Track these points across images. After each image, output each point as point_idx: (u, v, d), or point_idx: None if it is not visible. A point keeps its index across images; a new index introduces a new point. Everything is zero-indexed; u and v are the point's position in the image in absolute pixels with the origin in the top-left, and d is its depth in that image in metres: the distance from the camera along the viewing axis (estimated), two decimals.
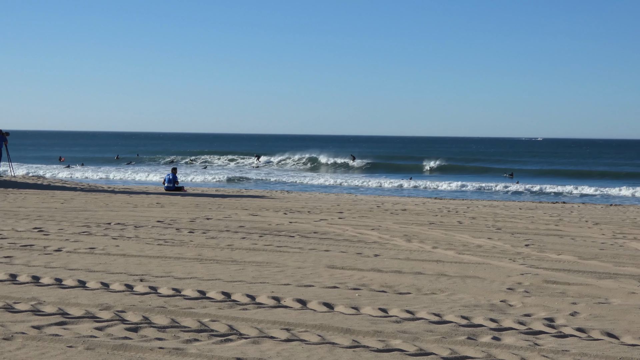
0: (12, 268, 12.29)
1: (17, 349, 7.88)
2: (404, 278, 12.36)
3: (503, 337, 8.78)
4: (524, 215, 24.42)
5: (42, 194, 28.20)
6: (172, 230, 17.76)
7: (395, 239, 17.31)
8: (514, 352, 8.17)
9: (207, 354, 7.82)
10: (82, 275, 11.87)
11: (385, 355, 7.97)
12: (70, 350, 7.85)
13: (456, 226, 20.42)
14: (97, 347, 7.99)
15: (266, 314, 9.61)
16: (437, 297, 10.95)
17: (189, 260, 13.51)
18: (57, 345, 8.04)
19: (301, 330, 8.84)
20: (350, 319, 9.47)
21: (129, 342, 8.18)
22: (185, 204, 25.93)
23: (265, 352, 7.95)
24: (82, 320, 9.10)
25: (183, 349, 8.00)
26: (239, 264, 13.32)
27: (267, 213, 22.94)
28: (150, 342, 8.20)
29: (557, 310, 10.20)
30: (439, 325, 9.28)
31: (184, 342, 8.23)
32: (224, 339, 8.43)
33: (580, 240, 17.87)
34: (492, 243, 16.93)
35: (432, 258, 14.55)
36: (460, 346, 8.35)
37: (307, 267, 13.18)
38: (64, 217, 20.01)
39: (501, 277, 12.63)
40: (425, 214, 23.97)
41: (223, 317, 9.39)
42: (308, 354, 7.95)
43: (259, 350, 8.04)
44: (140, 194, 31.15)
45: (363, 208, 26.06)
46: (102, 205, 24.43)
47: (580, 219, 23.70)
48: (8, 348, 7.90)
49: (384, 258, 14.40)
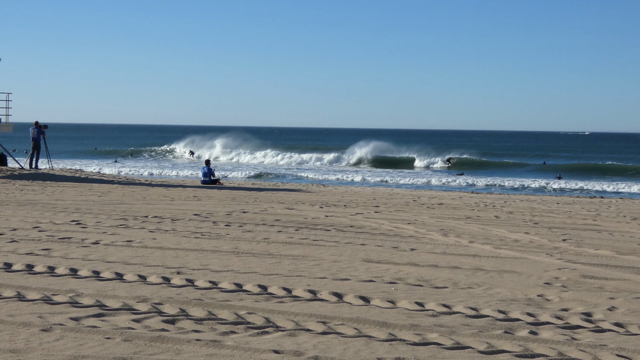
0: (50, 260, 12.42)
1: (56, 340, 7.97)
2: (440, 272, 12.34)
3: (540, 331, 8.75)
4: (561, 210, 24.25)
5: (79, 187, 28.43)
6: (209, 224, 17.85)
7: (431, 233, 17.28)
8: (551, 346, 8.13)
9: (244, 346, 7.86)
10: (120, 267, 11.97)
11: (422, 348, 7.97)
12: (108, 342, 7.92)
13: (493, 220, 20.33)
14: (134, 338, 8.06)
15: (302, 307, 9.63)
16: (473, 291, 10.93)
17: (225, 253, 13.58)
18: (95, 336, 8.11)
19: (337, 324, 8.85)
20: (387, 313, 9.48)
21: (166, 334, 8.24)
22: (222, 197, 26.03)
23: (302, 345, 7.98)
24: (119, 312, 9.18)
25: (220, 341, 8.04)
26: (275, 257, 13.37)
27: (303, 207, 22.98)
28: (187, 334, 8.26)
29: (595, 305, 10.14)
30: (475, 319, 9.26)
31: (220, 335, 8.28)
32: (261, 331, 8.47)
33: (618, 235, 17.73)
34: (529, 237, 16.84)
35: (469, 252, 14.51)
36: (497, 340, 8.33)
37: (343, 260, 13.20)
38: (102, 210, 20.17)
39: (538, 272, 12.57)
40: (462, 208, 23.88)
41: (259, 309, 9.42)
42: (344, 347, 7.97)
43: (295, 342, 8.07)
44: (177, 187, 31.31)
45: (399, 202, 26.02)
46: (139, 198, 24.59)
47: (619, 213, 23.50)
48: (47, 339, 7.99)
49: (420, 252, 14.38)
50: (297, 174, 53.32)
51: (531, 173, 56.78)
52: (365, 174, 52.89)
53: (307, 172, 55.80)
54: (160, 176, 47.77)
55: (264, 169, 57.05)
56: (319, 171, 56.90)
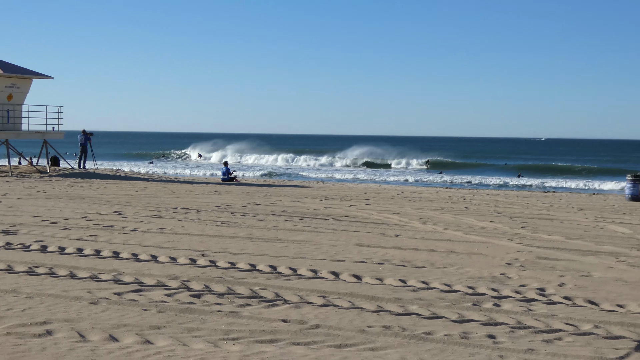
0: (96, 245, 12.48)
1: (102, 311, 8.03)
2: (420, 254, 12.39)
3: (502, 303, 8.81)
4: (520, 202, 24.29)
5: (120, 184, 28.47)
6: (228, 214, 17.89)
7: (412, 221, 17.32)
8: (511, 316, 8.19)
9: (257, 317, 7.91)
10: (154, 251, 12.02)
11: (404, 318, 8.02)
12: (145, 313, 7.98)
13: (463, 211, 20.37)
14: (167, 310, 8.12)
15: (306, 284, 9.69)
16: (447, 270, 10.98)
17: (241, 239, 13.63)
18: (134, 308, 8.18)
19: (334, 297, 8.91)
20: (375, 288, 9.53)
21: (193, 306, 8.30)
22: (238, 192, 26.07)
23: (305, 315, 8.04)
24: (154, 288, 9.24)
25: (237, 312, 8.10)
26: (282, 242, 13.41)
27: (305, 200, 23.01)
28: (210, 306, 8.31)
29: (548, 282, 10.20)
30: (449, 293, 9.32)
31: (238, 307, 8.33)
32: (271, 304, 8.52)
33: (567, 223, 17.78)
34: (493, 225, 16.89)
35: (444, 238, 14.56)
36: (466, 311, 8.38)
37: (339, 245, 13.25)
38: (139, 203, 20.21)
39: (501, 254, 12.63)
40: (438, 201, 23.92)
41: (270, 286, 9.48)
42: (340, 317, 8.02)
43: (300, 313, 8.13)
44: (202, 183, 31.35)
45: (386, 196, 26.06)
46: (170, 193, 24.63)
47: (568, 205, 23.55)
48: (94, 311, 8.05)
49: (403, 238, 14.43)
50: (300, 173, 53.21)
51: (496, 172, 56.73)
52: (358, 173, 52.86)
53: (309, 171, 55.75)
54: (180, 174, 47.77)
55: (273, 169, 56.93)
56: (318, 171, 56.85)
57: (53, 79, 35.14)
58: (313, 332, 7.36)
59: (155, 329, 7.35)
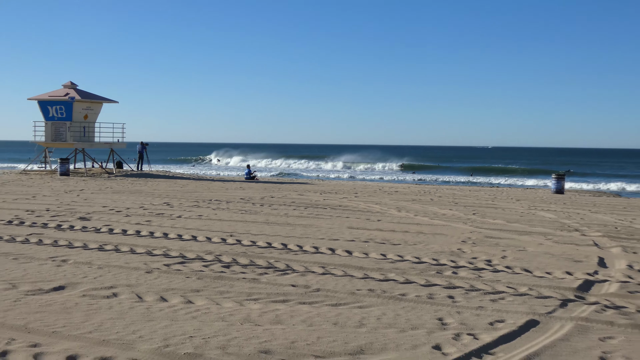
0: (150, 228, 12.46)
1: (155, 278, 8.02)
2: (396, 235, 12.36)
3: (459, 271, 8.78)
4: (472, 195, 24.27)
5: (168, 182, 28.47)
6: (250, 205, 17.87)
7: (390, 210, 17.29)
8: (465, 281, 8.17)
9: (273, 282, 7.90)
10: (194, 232, 12.00)
11: (384, 283, 8.00)
12: (188, 280, 7.97)
13: (429, 202, 20.34)
14: (204, 277, 8.10)
15: (309, 257, 9.67)
16: (417, 246, 10.96)
17: (260, 223, 13.60)
18: (179, 276, 8.16)
19: (331, 268, 8.89)
20: (362, 260, 9.51)
21: (223, 274, 8.28)
22: (258, 187, 26.06)
23: (309, 281, 8.02)
24: (194, 260, 9.22)
25: (257, 279, 8.08)
26: (291, 225, 13.39)
27: (309, 193, 22.99)
28: (237, 275, 8.30)
29: (493, 255, 10.17)
30: (418, 264, 9.30)
31: (258, 275, 8.32)
32: (283, 273, 8.50)
33: (507, 211, 17.75)
34: (451, 212, 16.86)
35: (414, 222, 14.53)
36: (432, 277, 8.36)
37: (334, 227, 13.22)
38: (183, 196, 20.20)
39: (457, 234, 12.60)
40: (410, 194, 23.89)
41: (282, 259, 9.46)
42: (336, 282, 8.00)
43: (305, 280, 8.10)
44: (230, 181, 31.34)
45: (370, 190, 26.03)
46: (206, 188, 24.62)
47: (508, 197, 23.52)
48: (149, 278, 8.04)
49: (383, 222, 14.40)
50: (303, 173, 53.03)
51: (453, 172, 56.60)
52: (349, 173, 52.82)
53: (311, 172, 55.66)
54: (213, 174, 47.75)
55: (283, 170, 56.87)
56: (318, 171, 56.75)
57: (118, 103, 35.14)
58: (315, 294, 7.34)
59: (195, 292, 7.33)
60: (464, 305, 6.97)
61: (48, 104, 32.49)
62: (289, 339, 5.72)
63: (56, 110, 32.41)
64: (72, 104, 32.08)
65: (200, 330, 5.91)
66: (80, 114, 32.63)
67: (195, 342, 5.56)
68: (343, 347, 5.54)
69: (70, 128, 32.32)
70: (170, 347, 5.42)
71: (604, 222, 15.18)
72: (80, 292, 7.25)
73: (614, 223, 15.08)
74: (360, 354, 5.38)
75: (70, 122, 32.26)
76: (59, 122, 32.48)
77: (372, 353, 5.41)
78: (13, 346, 5.39)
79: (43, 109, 32.64)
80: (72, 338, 5.63)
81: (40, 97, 32.80)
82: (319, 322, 6.27)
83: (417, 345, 5.62)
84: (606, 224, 14.91)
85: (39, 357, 5.16)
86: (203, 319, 6.28)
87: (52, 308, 6.58)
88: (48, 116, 32.59)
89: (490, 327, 6.19)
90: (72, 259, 9.17)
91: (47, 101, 32.48)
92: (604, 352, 5.55)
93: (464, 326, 6.22)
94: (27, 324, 6.00)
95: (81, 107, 32.61)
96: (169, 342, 5.54)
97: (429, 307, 6.91)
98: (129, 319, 6.25)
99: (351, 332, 5.97)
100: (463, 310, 6.80)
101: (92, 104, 33.26)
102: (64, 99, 32.16)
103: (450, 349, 5.54)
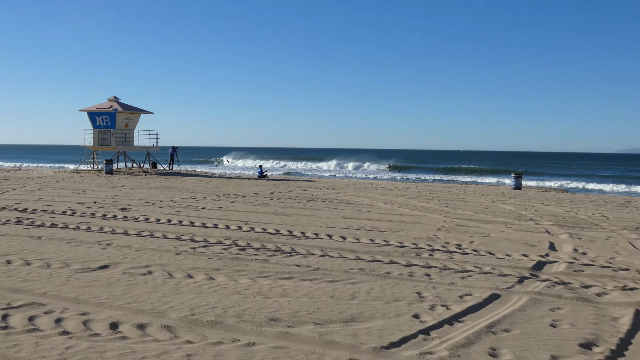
0: (180, 217, 12.44)
1: (183, 259, 8.00)
2: (382, 223, 12.35)
3: (434, 254, 8.77)
4: (445, 190, 24.23)
5: (194, 179, 28.43)
6: (261, 198, 17.85)
7: (378, 202, 17.27)
8: (439, 261, 8.16)
9: (280, 262, 7.88)
10: (216, 221, 11.98)
11: (373, 263, 7.99)
12: (210, 260, 7.95)
13: (410, 196, 20.32)
14: (223, 258, 8.08)
15: (310, 242, 9.65)
16: (400, 233, 10.95)
17: (270, 214, 13.59)
18: (203, 257, 8.15)
19: (329, 250, 8.88)
20: (354, 244, 9.50)
21: (239, 256, 8.27)
22: (268, 184, 26.03)
23: (310, 261, 8.00)
24: (215, 244, 9.21)
25: (268, 259, 8.06)
26: (296, 216, 13.37)
27: (310, 189, 22.96)
28: (250, 256, 8.28)
29: (462, 240, 10.16)
30: (401, 248, 9.29)
31: (268, 256, 8.31)
32: (289, 255, 8.49)
33: (475, 204, 17.73)
34: (428, 205, 16.84)
35: (397, 213, 14.51)
36: (412, 259, 8.35)
37: (332, 217, 13.20)
38: (206, 191, 20.17)
39: (433, 223, 12.59)
40: (394, 190, 23.86)
41: (288, 243, 9.45)
42: (332, 262, 7.99)
43: (306, 260, 8.09)
44: (245, 179, 31.29)
45: (361, 187, 26.01)
46: (225, 185, 24.58)
47: (475, 192, 23.49)
48: (179, 259, 8.02)
49: (372, 213, 14.39)
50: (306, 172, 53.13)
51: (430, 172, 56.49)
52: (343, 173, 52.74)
53: (312, 171, 55.60)
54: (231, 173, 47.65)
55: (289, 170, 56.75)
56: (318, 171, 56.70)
57: (153, 113, 35.12)
58: (315, 272, 7.33)
59: (216, 270, 7.32)
60: (438, 282, 6.97)
61: (95, 115, 32.54)
62: (293, 309, 5.72)
63: (102, 120, 32.47)
64: (115, 115, 32.10)
65: (220, 302, 5.90)
66: (122, 122, 32.64)
67: (216, 312, 5.55)
68: (338, 315, 5.54)
69: (114, 134, 32.34)
70: (196, 316, 5.41)
71: (554, 213, 15.17)
72: (121, 270, 7.24)
73: (562, 214, 15.07)
74: (352, 322, 5.38)
75: (113, 129, 32.29)
76: (105, 130, 32.53)
77: (362, 321, 5.41)
78: (66, 314, 5.39)
79: (91, 118, 32.67)
80: (115, 308, 5.63)
81: (89, 109, 32.83)
82: (318, 295, 6.26)
83: (400, 315, 5.61)
84: (556, 214, 14.90)
85: (87, 323, 5.16)
86: (222, 293, 6.27)
87: (98, 283, 6.58)
88: (95, 125, 32.64)
89: (460, 300, 6.19)
90: (115, 243, 9.16)
91: (94, 112, 32.54)
92: (554, 320, 5.55)
93: (438, 299, 6.21)
94: (78, 296, 6.00)
95: (123, 117, 32.61)
96: (195, 312, 5.54)
97: (409, 283, 6.90)
98: (161, 292, 6.24)
99: (345, 303, 5.97)
100: (437, 285, 6.79)
101: (132, 114, 33.25)
102: (109, 111, 32.21)
103: (427, 317, 5.54)
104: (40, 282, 6.57)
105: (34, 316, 5.31)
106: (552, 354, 4.64)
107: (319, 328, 5.15)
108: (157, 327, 5.08)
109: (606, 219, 13.99)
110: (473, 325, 5.33)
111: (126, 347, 4.60)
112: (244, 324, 5.22)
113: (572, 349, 4.77)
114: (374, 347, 4.68)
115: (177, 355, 4.46)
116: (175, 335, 4.90)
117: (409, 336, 4.98)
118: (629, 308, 6.01)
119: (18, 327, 5.03)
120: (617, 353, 4.72)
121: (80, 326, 5.07)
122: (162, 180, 26.98)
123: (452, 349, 4.71)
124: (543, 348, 4.77)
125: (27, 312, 5.41)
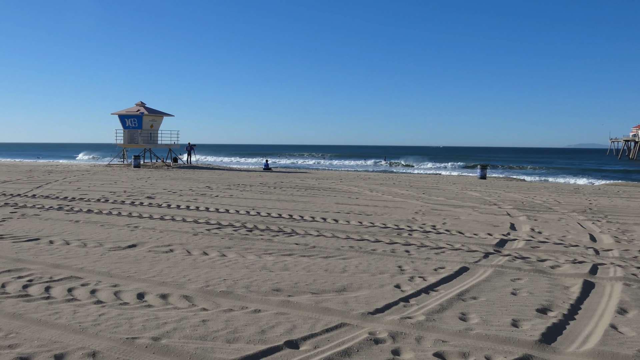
0: (196, 204, 12.36)
1: (199, 239, 7.94)
2: (369, 208, 12.31)
3: (413, 233, 8.74)
4: (422, 180, 24.21)
5: (210, 172, 28.32)
6: (266, 187, 17.77)
7: (365, 191, 17.23)
8: (417, 240, 8.12)
9: (282, 242, 7.84)
10: (227, 207, 11.92)
11: (361, 242, 7.95)
12: (223, 240, 7.90)
13: (393, 185, 20.28)
14: (234, 238, 8.02)
15: (308, 224, 9.61)
16: (383, 216, 10.91)
17: (273, 201, 13.52)
18: (217, 237, 8.09)
19: (324, 231, 8.83)
20: (345, 226, 9.46)
21: (248, 236, 8.22)
22: (272, 175, 25.94)
23: (308, 241, 7.96)
24: (227, 226, 9.15)
25: (271, 239, 8.01)
26: (296, 202, 13.32)
27: (308, 179, 22.89)
28: (257, 236, 8.24)
29: (436, 222, 10.14)
30: (384, 229, 9.26)
31: (272, 237, 8.26)
32: (289, 235, 8.44)
33: (447, 191, 17.71)
34: (408, 192, 16.80)
35: (382, 199, 14.47)
36: (394, 237, 8.31)
37: (326, 203, 13.16)
38: (219, 182, 20.08)
39: (412, 207, 12.56)
40: (378, 180, 23.82)
41: (289, 225, 9.40)
42: (327, 241, 7.95)
43: (304, 240, 8.04)
44: (252, 171, 31.19)
45: (352, 177, 25.95)
46: (235, 176, 24.48)
47: (447, 181, 23.47)
48: (195, 239, 7.96)
49: (360, 199, 14.34)
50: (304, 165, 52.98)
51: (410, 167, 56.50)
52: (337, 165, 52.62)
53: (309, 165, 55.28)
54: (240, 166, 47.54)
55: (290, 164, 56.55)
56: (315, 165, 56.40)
57: (174, 116, 34.91)
58: (312, 250, 7.29)
59: (227, 248, 7.27)
60: (416, 257, 6.94)
61: (125, 117, 32.48)
62: (293, 281, 5.68)
63: (131, 122, 32.45)
64: (142, 118, 32.01)
65: (231, 275, 5.86)
66: (147, 124, 32.54)
67: (228, 283, 5.51)
68: (331, 286, 5.51)
69: (141, 134, 32.28)
70: (210, 287, 5.37)
71: (514, 199, 15.17)
72: (147, 248, 7.19)
73: (521, 199, 15.08)
74: (344, 291, 5.35)
75: (140, 130, 32.24)
76: (133, 130, 32.47)
77: (352, 290, 5.38)
78: (100, 286, 5.34)
79: (122, 120, 32.63)
80: (141, 280, 5.58)
81: (119, 112, 32.80)
82: (315, 269, 6.23)
83: (384, 285, 5.59)
84: (515, 200, 14.90)
85: (118, 294, 5.11)
86: (233, 267, 6.23)
87: (127, 260, 6.53)
88: (125, 126, 32.60)
89: (435, 272, 6.17)
90: (142, 225, 9.09)
91: (124, 115, 32.50)
92: (514, 289, 5.53)
93: (416, 271, 6.19)
94: (110, 271, 5.95)
95: (148, 119, 32.51)
96: (209, 283, 5.49)
97: (392, 258, 6.87)
98: (181, 267, 6.20)
99: (337, 276, 5.94)
100: (415, 260, 6.77)
101: (156, 117, 33.15)
102: (136, 114, 32.18)
103: (406, 287, 5.52)
104: (77, 259, 6.52)
105: (72, 288, 5.25)
106: (514, 318, 4.62)
107: (315, 297, 5.12)
108: (177, 296, 5.04)
109: (558, 204, 14.00)
110: (446, 294, 5.31)
111: (151, 314, 4.56)
112: (251, 294, 5.18)
113: (530, 314, 4.76)
114: (361, 313, 4.65)
115: (194, 320, 4.42)
116: (193, 304, 4.86)
117: (391, 303, 4.95)
118: (578, 278, 6.01)
119: (59, 297, 4.98)
120: (568, 317, 4.72)
121: (111, 296, 5.02)
122: (182, 172, 26.87)
123: (428, 314, 4.68)
124: (505, 313, 4.76)
125: (66, 285, 5.36)
